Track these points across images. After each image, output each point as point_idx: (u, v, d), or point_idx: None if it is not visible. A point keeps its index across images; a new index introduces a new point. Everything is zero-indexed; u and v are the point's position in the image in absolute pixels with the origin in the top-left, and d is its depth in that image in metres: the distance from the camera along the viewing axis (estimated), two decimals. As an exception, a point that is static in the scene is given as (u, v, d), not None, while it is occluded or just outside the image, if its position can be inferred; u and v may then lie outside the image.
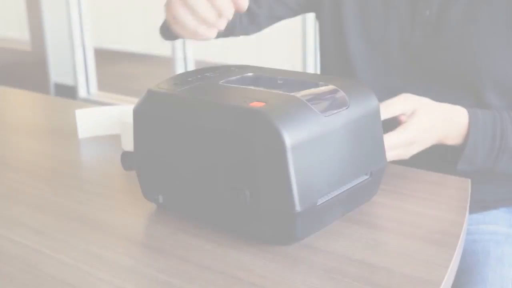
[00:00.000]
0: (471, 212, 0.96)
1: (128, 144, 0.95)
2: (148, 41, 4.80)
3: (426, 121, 0.83)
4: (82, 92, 4.15)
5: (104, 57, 5.04)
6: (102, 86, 4.27)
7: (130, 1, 5.11)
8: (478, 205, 0.96)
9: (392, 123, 0.83)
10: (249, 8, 0.98)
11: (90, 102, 4.01)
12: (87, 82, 4.18)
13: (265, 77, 0.75)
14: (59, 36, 4.12)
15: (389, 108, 0.83)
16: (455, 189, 0.80)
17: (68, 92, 4.20)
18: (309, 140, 0.60)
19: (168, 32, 0.92)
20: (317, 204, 0.62)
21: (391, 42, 0.96)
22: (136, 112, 0.71)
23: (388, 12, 0.96)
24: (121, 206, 0.75)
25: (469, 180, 0.82)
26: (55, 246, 0.65)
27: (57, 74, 4.27)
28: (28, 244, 0.66)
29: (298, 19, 1.16)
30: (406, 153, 0.83)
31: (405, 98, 0.84)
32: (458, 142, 0.87)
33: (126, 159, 0.76)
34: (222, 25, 0.71)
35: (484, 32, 0.89)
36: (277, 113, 0.59)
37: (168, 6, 0.74)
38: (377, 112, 0.70)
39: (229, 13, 0.69)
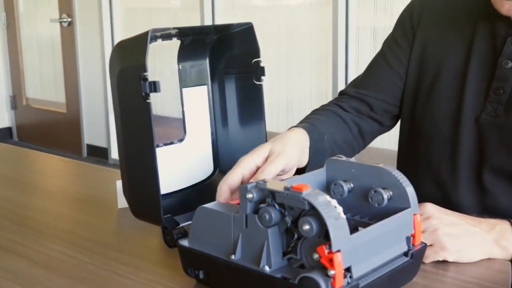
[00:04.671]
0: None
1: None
2: (178, 105, 4.89)
3: None
4: (114, 154, 4.22)
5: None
6: (133, 148, 4.34)
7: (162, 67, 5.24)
8: None
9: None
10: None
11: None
12: (119, 145, 4.25)
13: None
14: (93, 100, 4.24)
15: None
16: (495, 271, 0.79)
17: (99, 153, 4.28)
18: None
19: None
20: (359, 287, 0.62)
21: (463, 117, 0.98)
22: None
23: (465, 86, 0.98)
24: (160, 281, 0.76)
25: (510, 263, 0.81)
26: (97, 321, 0.66)
27: (89, 136, 4.36)
28: (70, 318, 0.67)
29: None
30: None
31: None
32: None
33: (168, 235, 0.77)
34: None
35: None
36: None
37: None
38: None
39: None
